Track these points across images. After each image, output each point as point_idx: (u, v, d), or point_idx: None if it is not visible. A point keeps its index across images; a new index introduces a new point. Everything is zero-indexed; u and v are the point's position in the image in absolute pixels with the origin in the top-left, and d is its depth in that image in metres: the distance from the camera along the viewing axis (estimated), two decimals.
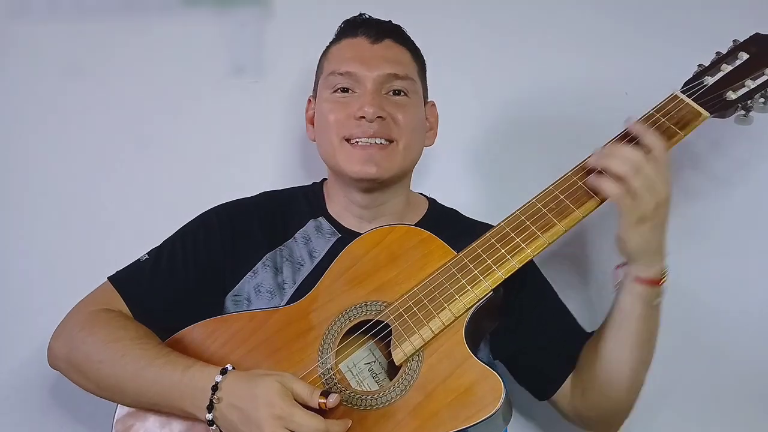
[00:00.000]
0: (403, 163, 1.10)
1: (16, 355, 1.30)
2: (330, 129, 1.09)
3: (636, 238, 0.94)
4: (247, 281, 1.08)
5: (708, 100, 0.99)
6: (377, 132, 1.06)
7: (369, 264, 1.00)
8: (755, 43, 1.02)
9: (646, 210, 0.91)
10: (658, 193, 0.91)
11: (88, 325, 1.01)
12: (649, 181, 0.91)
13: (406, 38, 1.15)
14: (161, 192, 1.35)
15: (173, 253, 1.08)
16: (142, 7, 1.38)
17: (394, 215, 1.14)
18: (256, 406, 0.88)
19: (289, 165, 1.37)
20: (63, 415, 1.30)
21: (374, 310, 0.97)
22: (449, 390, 0.91)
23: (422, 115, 1.15)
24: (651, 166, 0.91)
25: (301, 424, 0.87)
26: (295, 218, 1.13)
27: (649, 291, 0.96)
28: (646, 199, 0.91)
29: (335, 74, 1.10)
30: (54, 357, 1.04)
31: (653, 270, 0.96)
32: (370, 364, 0.99)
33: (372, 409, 0.92)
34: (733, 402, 1.28)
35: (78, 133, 1.36)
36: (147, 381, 0.95)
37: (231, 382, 0.91)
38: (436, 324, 0.94)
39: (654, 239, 0.94)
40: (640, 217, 0.92)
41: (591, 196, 0.96)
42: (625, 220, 0.93)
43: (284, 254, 1.10)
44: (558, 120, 1.33)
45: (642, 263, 0.96)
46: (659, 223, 0.94)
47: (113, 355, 0.98)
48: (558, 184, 0.98)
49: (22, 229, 1.35)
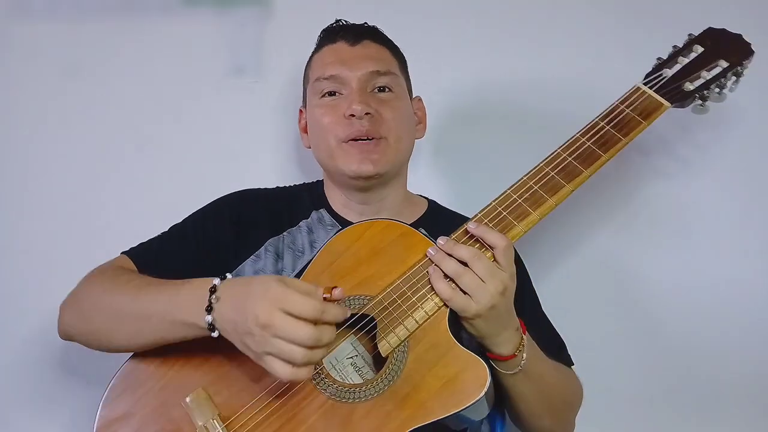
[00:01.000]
0: (396, 157, 1.13)
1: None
2: (325, 132, 1.12)
3: (476, 330, 0.95)
4: (249, 264, 1.11)
5: (668, 91, 1.04)
6: (369, 130, 1.09)
7: (350, 259, 1.01)
8: (709, 36, 1.08)
9: (480, 309, 0.92)
10: (489, 294, 0.92)
11: (95, 274, 1.04)
12: (477, 282, 0.92)
13: (384, 37, 1.19)
14: (161, 191, 1.36)
15: (183, 232, 1.12)
16: (142, 7, 1.38)
17: (393, 210, 1.16)
18: (253, 294, 0.86)
19: (289, 164, 1.38)
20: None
21: (358, 304, 0.98)
22: (436, 378, 0.92)
23: (409, 109, 1.18)
24: (482, 264, 0.92)
25: (296, 301, 0.84)
26: (300, 209, 1.16)
27: (505, 365, 0.98)
28: (477, 297, 0.92)
29: (321, 80, 1.13)
30: (63, 314, 1.04)
31: (504, 349, 0.97)
32: (353, 359, 1.00)
33: (360, 401, 0.93)
34: (733, 402, 1.30)
35: (78, 133, 1.36)
36: (147, 299, 0.95)
37: (229, 284, 0.90)
38: (419, 314, 0.95)
39: (497, 324, 0.95)
40: (474, 314, 0.93)
41: (563, 185, 0.99)
42: (461, 317, 0.95)
43: (287, 241, 1.12)
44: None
45: (493, 345, 0.97)
46: (496, 315, 0.94)
47: (116, 284, 0.99)
48: (531, 174, 1.01)
49: (21, 228, 1.34)
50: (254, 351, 0.86)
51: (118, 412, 0.97)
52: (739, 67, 1.06)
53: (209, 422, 0.93)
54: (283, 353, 0.84)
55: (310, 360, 0.85)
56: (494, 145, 1.37)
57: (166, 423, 0.96)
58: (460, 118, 1.38)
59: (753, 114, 1.29)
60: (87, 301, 1.01)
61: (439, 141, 1.38)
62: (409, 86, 1.20)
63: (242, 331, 0.86)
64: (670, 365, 1.28)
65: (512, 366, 0.98)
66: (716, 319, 1.29)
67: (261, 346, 0.85)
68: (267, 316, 0.83)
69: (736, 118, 1.29)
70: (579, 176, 0.99)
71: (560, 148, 1.02)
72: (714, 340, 1.30)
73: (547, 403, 1.04)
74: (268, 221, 1.13)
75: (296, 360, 0.83)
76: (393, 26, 1.20)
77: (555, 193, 0.99)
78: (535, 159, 1.02)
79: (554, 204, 0.99)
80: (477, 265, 0.93)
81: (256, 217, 1.14)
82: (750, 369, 1.29)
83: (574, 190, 0.99)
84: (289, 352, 0.83)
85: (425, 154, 1.38)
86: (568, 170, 1.00)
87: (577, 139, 1.02)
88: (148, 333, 0.95)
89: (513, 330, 0.97)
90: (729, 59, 1.06)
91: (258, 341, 0.85)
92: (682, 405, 1.30)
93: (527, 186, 1.00)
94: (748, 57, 1.07)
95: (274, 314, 0.83)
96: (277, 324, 0.83)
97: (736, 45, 1.07)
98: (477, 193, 1.11)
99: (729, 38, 1.07)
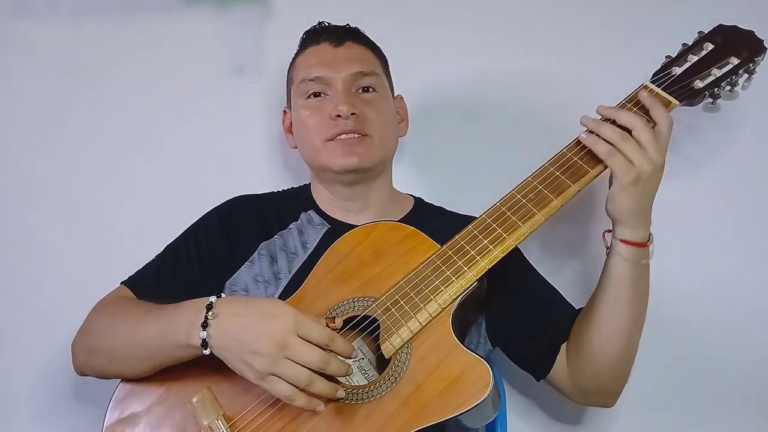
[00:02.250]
0: (381, 153, 1.14)
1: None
2: (311, 133, 1.14)
3: (626, 201, 0.97)
4: (244, 271, 1.11)
5: (677, 89, 1.02)
6: (354, 128, 1.11)
7: (354, 261, 1.01)
8: (719, 33, 1.06)
9: (642, 171, 0.94)
10: (650, 162, 0.94)
11: (98, 310, 1.06)
12: (638, 148, 0.94)
13: (366, 38, 1.21)
14: (161, 191, 1.36)
15: (177, 251, 1.13)
16: (142, 7, 1.39)
17: (380, 206, 1.18)
18: (265, 315, 0.88)
19: (288, 164, 1.38)
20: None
21: (362, 306, 0.98)
22: (439, 380, 0.92)
23: (392, 108, 1.20)
24: (645, 131, 0.95)
25: (311, 326, 0.87)
26: (289, 212, 1.18)
27: (635, 252, 0.99)
28: (638, 161, 0.94)
29: (306, 81, 1.15)
30: (75, 353, 1.06)
31: (638, 233, 0.99)
32: (359, 362, 1.00)
33: (363, 402, 0.93)
34: (732, 402, 1.28)
35: (78, 133, 1.37)
36: (144, 327, 0.96)
37: (227, 301, 0.92)
38: (423, 316, 0.95)
39: (642, 203, 0.98)
40: (634, 178, 0.95)
41: (568, 185, 0.98)
42: (617, 182, 0.96)
43: (278, 244, 1.13)
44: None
45: (628, 226, 0.99)
46: (650, 189, 0.97)
47: (116, 319, 1.01)
48: (536, 174, 1.00)
49: (22, 229, 1.35)
50: (258, 370, 0.87)
51: (124, 413, 0.99)
52: (752, 64, 1.04)
53: (214, 422, 0.94)
54: (289, 374, 0.86)
55: (312, 385, 0.87)
56: (493, 145, 1.36)
57: (172, 423, 0.97)
58: (460, 118, 1.37)
59: (759, 113, 1.27)
60: (93, 338, 1.03)
61: (438, 140, 1.38)
62: (391, 85, 1.22)
63: (248, 350, 0.87)
64: (670, 365, 1.26)
65: (644, 255, 0.99)
66: (716, 319, 1.28)
67: (268, 366, 0.86)
68: (283, 337, 0.86)
69: (742, 118, 1.26)
70: (584, 176, 0.98)
71: (565, 148, 1.01)
72: (714, 340, 1.28)
73: (643, 315, 1.03)
74: (258, 227, 1.15)
75: (301, 382, 0.87)
76: (392, 25, 1.21)
77: (560, 194, 0.98)
78: (534, 159, 1.01)
79: (560, 204, 0.98)
80: (642, 135, 0.94)
81: (247, 224, 1.15)
82: (750, 369, 1.27)
83: (580, 190, 0.98)
84: (297, 374, 0.86)
85: (425, 154, 1.38)
86: (574, 170, 0.99)
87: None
88: (151, 359, 0.97)
89: (648, 216, 0.99)
90: (740, 56, 1.03)
91: (266, 361, 0.86)
92: (682, 405, 1.29)
93: (532, 186, 0.99)
94: (761, 54, 1.04)
95: (290, 336, 0.86)
96: (292, 345, 0.86)
97: (748, 41, 1.05)
98: (477, 193, 1.11)
99: (740, 35, 1.05)
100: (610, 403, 1.11)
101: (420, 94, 1.32)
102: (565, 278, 1.26)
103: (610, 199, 0.99)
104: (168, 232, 1.15)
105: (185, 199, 1.24)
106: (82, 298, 1.07)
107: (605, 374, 1.05)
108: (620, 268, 1.00)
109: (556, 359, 1.07)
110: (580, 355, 1.05)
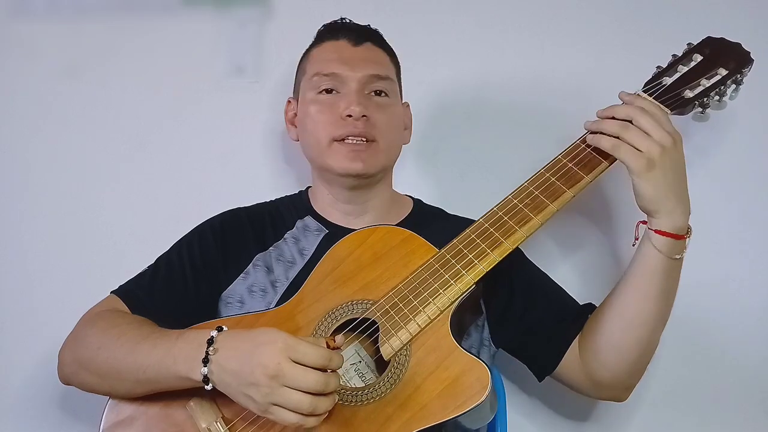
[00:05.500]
0: (385, 160, 1.14)
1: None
2: (318, 129, 1.12)
3: (648, 188, 0.94)
4: (239, 283, 1.10)
5: (667, 99, 1.04)
6: (362, 132, 1.10)
7: (353, 265, 1.02)
8: (708, 45, 1.08)
9: (652, 156, 0.93)
10: (656, 144, 0.93)
11: (90, 322, 1.03)
12: (642, 130, 0.94)
13: (385, 42, 1.20)
14: (161, 191, 1.36)
15: (170, 262, 1.11)
16: (142, 7, 1.39)
17: (379, 210, 1.18)
18: (259, 345, 0.85)
19: (289, 165, 1.38)
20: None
21: (360, 309, 0.99)
22: (438, 381, 0.93)
23: (401, 115, 1.20)
24: (644, 116, 0.95)
25: (305, 350, 0.84)
26: (283, 222, 1.16)
27: (670, 244, 0.96)
28: (645, 146, 0.93)
29: (320, 75, 1.13)
30: (62, 363, 1.04)
31: (673, 223, 0.96)
32: (356, 365, 1.00)
33: (362, 404, 0.94)
34: (733, 402, 1.30)
35: (77, 133, 1.37)
36: (142, 354, 0.94)
37: (227, 335, 0.90)
38: (422, 318, 0.96)
39: (667, 186, 0.95)
40: (646, 163, 0.93)
41: (564, 191, 1.00)
42: (632, 172, 0.95)
43: (274, 255, 1.12)
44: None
45: (662, 215, 0.96)
46: (672, 172, 0.95)
47: (111, 338, 0.98)
48: (532, 180, 1.02)
49: (20, 229, 1.34)
50: (259, 402, 0.85)
51: (122, 415, 0.98)
52: (739, 75, 1.07)
53: (212, 425, 0.94)
54: (290, 403, 0.84)
55: (316, 409, 0.84)
56: (493, 146, 1.38)
57: (170, 426, 0.97)
58: (460, 118, 1.39)
59: (751, 117, 1.30)
60: (84, 353, 1.00)
61: (438, 140, 1.39)
62: (401, 92, 1.22)
63: (246, 383, 0.85)
64: (670, 365, 1.28)
65: (679, 249, 0.96)
66: (716, 319, 1.30)
67: (267, 397, 0.84)
68: (275, 366, 0.83)
69: (734, 121, 1.29)
70: (580, 182, 1.00)
71: (561, 155, 1.03)
72: (714, 340, 1.30)
73: (669, 310, 1.02)
74: (252, 239, 1.13)
75: (303, 409, 0.84)
76: (392, 25, 1.21)
77: (556, 199, 0.99)
78: (534, 159, 1.02)
79: (555, 209, 0.99)
80: (641, 120, 0.94)
81: (242, 237, 1.13)
82: (750, 369, 1.29)
83: (575, 195, 1.00)
84: (297, 402, 0.83)
85: (425, 155, 1.39)
86: (569, 175, 1.00)
87: (577, 146, 1.03)
88: (146, 384, 0.95)
89: (685, 201, 0.96)
90: (728, 67, 1.06)
91: (264, 392, 0.84)
92: (682, 405, 1.30)
93: (528, 191, 1.01)
94: (748, 65, 1.07)
95: (282, 363, 0.83)
96: (286, 372, 0.83)
97: (735, 53, 1.07)
98: (477, 193, 1.12)
99: (728, 47, 1.08)
100: (623, 397, 1.10)
101: (420, 94, 1.33)
102: (567, 275, 1.28)
103: (635, 194, 0.97)
104: (166, 232, 1.14)
105: (185, 199, 1.24)
106: (82, 298, 1.07)
107: (624, 367, 1.04)
108: (654, 260, 0.97)
109: (566, 354, 1.07)
110: (599, 347, 1.03)
